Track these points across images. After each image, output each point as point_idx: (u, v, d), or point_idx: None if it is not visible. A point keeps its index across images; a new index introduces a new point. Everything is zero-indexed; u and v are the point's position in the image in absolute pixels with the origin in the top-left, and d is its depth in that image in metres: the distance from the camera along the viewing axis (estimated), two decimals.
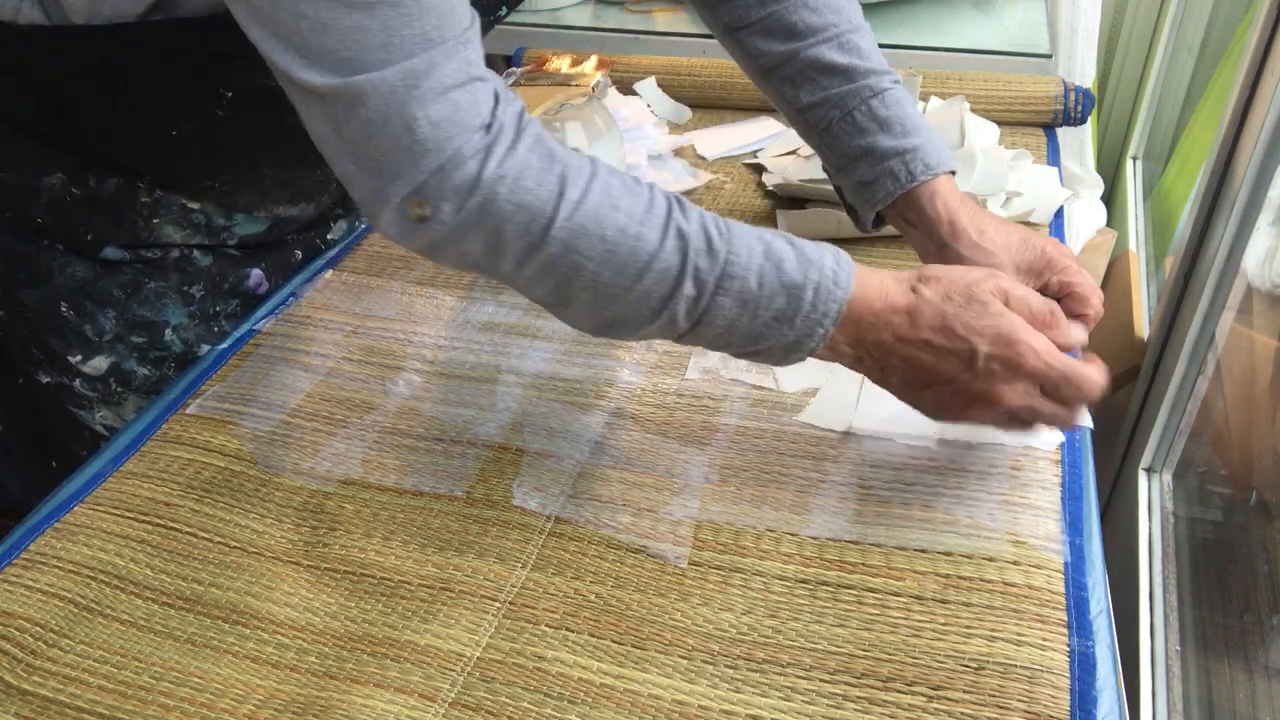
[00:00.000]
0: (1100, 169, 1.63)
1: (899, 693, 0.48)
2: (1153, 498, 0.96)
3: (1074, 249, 1.40)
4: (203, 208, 0.76)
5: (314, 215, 0.85)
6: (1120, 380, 1.11)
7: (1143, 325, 1.21)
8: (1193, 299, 0.89)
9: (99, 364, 0.76)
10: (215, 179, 0.75)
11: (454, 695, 0.50)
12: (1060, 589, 0.53)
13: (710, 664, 0.51)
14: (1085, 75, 1.44)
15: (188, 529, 0.60)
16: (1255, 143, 0.80)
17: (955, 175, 0.69)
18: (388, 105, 0.46)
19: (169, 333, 0.77)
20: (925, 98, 1.02)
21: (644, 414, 0.68)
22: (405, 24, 0.46)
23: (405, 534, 0.59)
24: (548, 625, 0.53)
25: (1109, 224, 1.58)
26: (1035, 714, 0.47)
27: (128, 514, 0.61)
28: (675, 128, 1.10)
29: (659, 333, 0.54)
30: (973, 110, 0.95)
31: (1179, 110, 1.66)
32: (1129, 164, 1.74)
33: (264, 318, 0.79)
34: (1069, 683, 0.48)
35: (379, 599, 0.55)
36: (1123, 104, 1.88)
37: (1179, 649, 0.80)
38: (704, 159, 1.03)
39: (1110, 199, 1.68)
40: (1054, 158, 0.98)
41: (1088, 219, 1.51)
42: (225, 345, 0.77)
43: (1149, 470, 0.98)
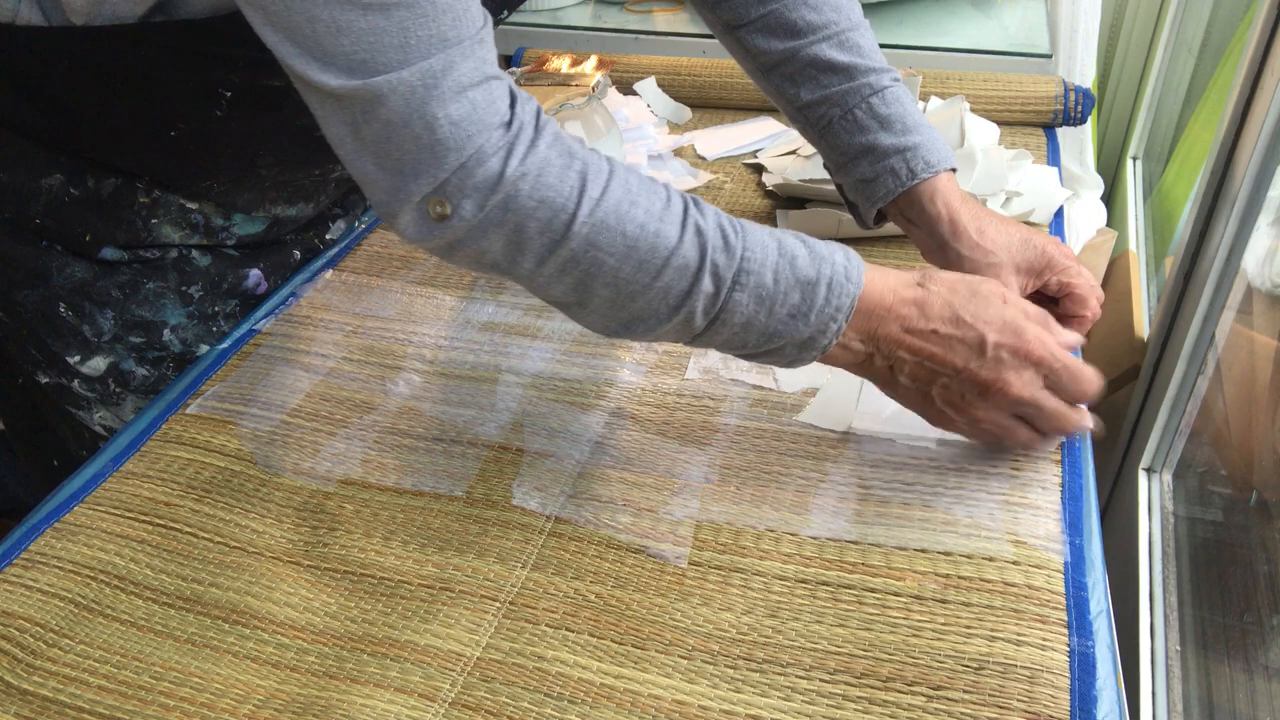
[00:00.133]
0: (1100, 169, 1.64)
1: (899, 693, 0.48)
2: (1153, 498, 0.96)
3: (1074, 249, 1.40)
4: (201, 208, 0.76)
5: (312, 215, 0.85)
6: (1120, 380, 1.11)
7: (1143, 325, 1.20)
8: (1193, 299, 0.89)
9: (97, 364, 0.76)
10: (214, 179, 0.75)
11: (454, 695, 0.50)
12: (1060, 589, 0.53)
13: (710, 664, 0.51)
14: (1085, 75, 1.44)
15: (188, 529, 0.60)
16: (1255, 143, 0.80)
17: (955, 174, 0.69)
18: (407, 105, 0.46)
19: (167, 333, 0.77)
20: (925, 98, 1.02)
21: (644, 414, 0.68)
22: (421, 25, 0.46)
23: (405, 534, 0.59)
24: (548, 625, 0.53)
25: (1109, 224, 1.58)
26: (1035, 714, 0.47)
27: (128, 514, 0.61)
28: (675, 128, 1.10)
29: (675, 333, 0.54)
30: (973, 110, 0.95)
31: (1179, 110, 1.66)
32: (1129, 164, 1.74)
33: (264, 317, 0.79)
34: (1069, 683, 0.48)
35: (379, 599, 0.55)
36: (1123, 104, 1.88)
37: (1179, 649, 0.80)
38: (704, 159, 1.03)
39: (1110, 199, 1.68)
40: (1054, 158, 0.98)
41: (1088, 219, 1.51)
42: (225, 345, 0.77)
43: (1149, 470, 0.98)
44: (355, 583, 0.56)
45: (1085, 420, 0.57)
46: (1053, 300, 0.68)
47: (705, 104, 1.13)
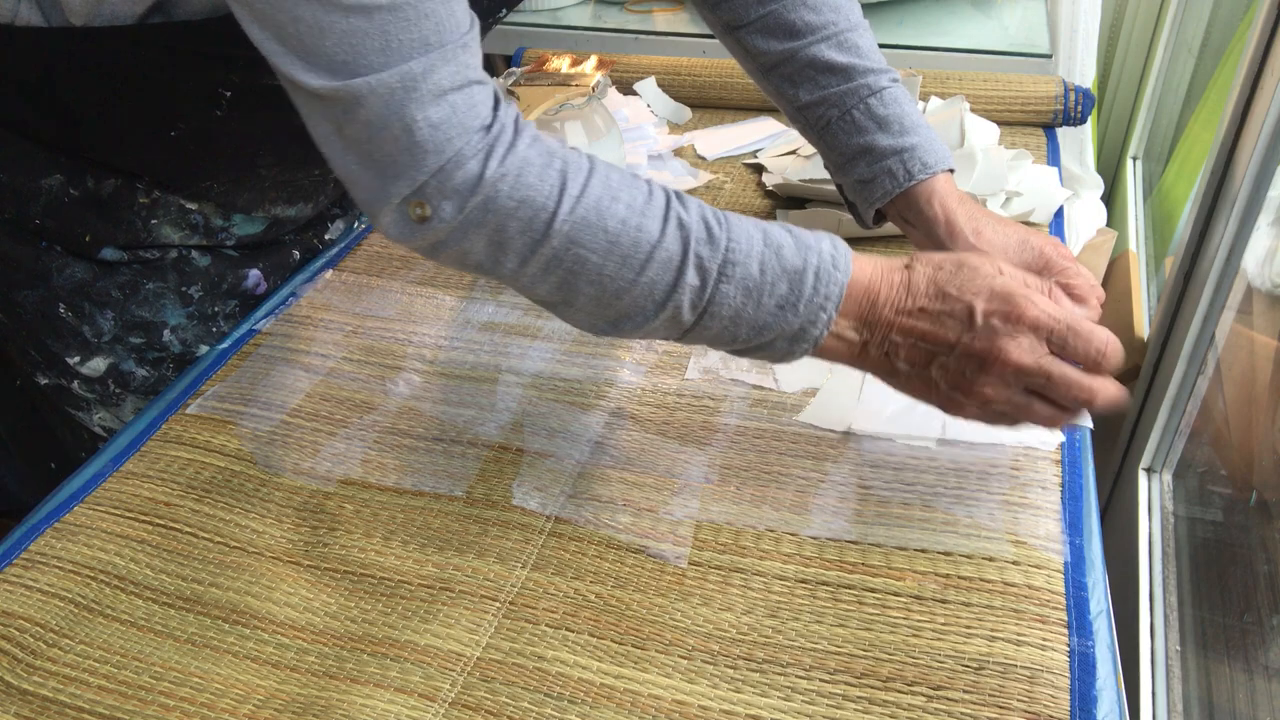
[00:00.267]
0: (1100, 169, 1.64)
1: (899, 693, 0.48)
2: (1153, 498, 0.96)
3: (1074, 249, 1.40)
4: (201, 208, 0.76)
5: (312, 215, 0.85)
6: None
7: (1143, 325, 1.20)
8: (1193, 299, 0.89)
9: (97, 365, 0.76)
10: (214, 179, 0.75)
11: (454, 695, 0.50)
12: (1060, 589, 0.53)
13: (710, 664, 0.51)
14: (1085, 75, 1.44)
15: (188, 529, 0.60)
16: (1255, 143, 0.80)
17: (954, 174, 0.69)
18: (386, 107, 0.47)
19: (167, 333, 0.77)
20: (925, 98, 1.02)
21: (644, 414, 0.68)
22: (404, 29, 0.46)
23: (405, 534, 0.59)
24: (548, 625, 0.53)
25: (1109, 224, 1.58)
26: (1035, 714, 0.47)
27: (128, 514, 0.61)
28: (675, 128, 1.10)
29: (663, 329, 0.54)
30: (973, 110, 0.96)
31: (1179, 110, 1.66)
32: (1129, 164, 1.74)
33: (264, 318, 0.79)
34: (1069, 683, 0.48)
35: (379, 599, 0.55)
36: (1123, 104, 1.88)
37: (1179, 649, 0.80)
38: (704, 159, 1.03)
39: (1110, 199, 1.68)
40: (1054, 158, 0.98)
41: (1088, 219, 1.51)
42: (225, 345, 0.77)
43: (1149, 470, 0.98)
44: (355, 583, 0.56)
45: (1107, 387, 0.54)
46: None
47: (705, 104, 1.13)
